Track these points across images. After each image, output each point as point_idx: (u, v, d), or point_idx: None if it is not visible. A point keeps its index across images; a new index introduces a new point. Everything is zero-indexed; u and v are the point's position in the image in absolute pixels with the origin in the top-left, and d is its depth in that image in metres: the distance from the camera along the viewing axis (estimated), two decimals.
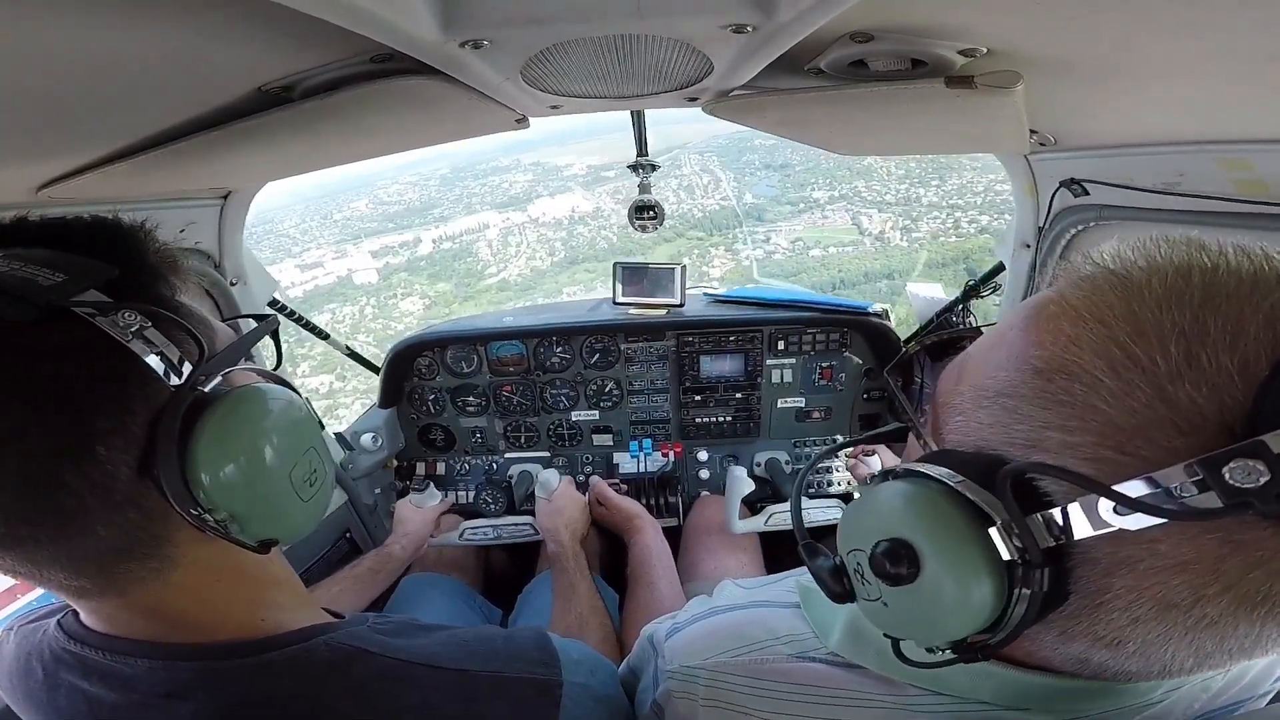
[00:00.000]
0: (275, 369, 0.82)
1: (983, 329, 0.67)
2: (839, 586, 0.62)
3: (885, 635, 0.62)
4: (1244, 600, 0.41)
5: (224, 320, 0.78)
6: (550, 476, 2.04)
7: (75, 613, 0.72)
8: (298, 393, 0.75)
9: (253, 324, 0.81)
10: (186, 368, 0.63)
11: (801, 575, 0.87)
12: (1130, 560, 0.44)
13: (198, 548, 0.67)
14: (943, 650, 0.55)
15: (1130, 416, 0.42)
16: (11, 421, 0.55)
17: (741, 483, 2.05)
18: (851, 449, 2.27)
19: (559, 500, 1.97)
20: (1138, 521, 0.41)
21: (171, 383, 0.62)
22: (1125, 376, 0.43)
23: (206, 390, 0.64)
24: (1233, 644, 0.45)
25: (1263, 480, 0.35)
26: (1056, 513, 0.45)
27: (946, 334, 0.72)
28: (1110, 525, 0.42)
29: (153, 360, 0.60)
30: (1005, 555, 0.47)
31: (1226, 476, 0.36)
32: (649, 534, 1.93)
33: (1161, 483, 0.39)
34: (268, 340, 0.85)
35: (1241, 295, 0.41)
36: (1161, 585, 0.43)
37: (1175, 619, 0.44)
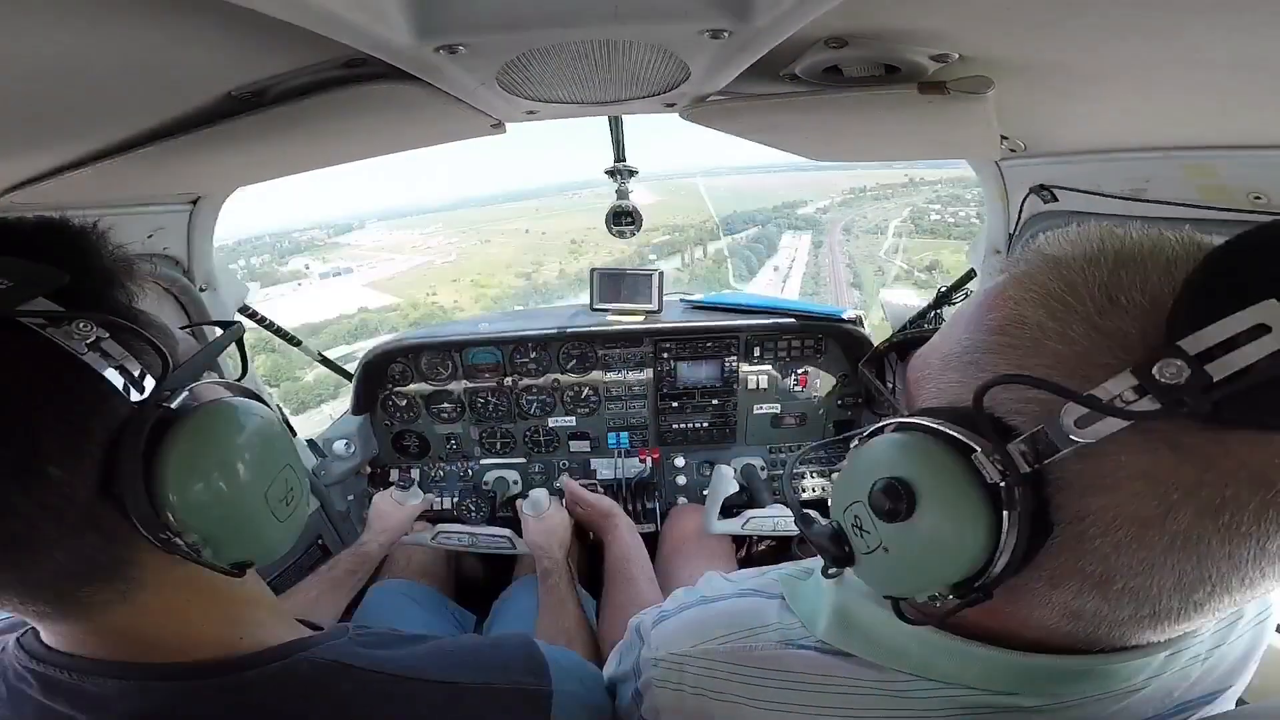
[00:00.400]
0: (240, 379, 0.79)
1: None
2: (838, 550, 0.64)
3: (886, 597, 0.64)
4: (1205, 508, 0.44)
5: (186, 327, 0.75)
6: (540, 496, 2.02)
7: (34, 629, 0.68)
8: (268, 405, 0.73)
9: (215, 330, 0.78)
10: (148, 382, 0.60)
11: (785, 569, 0.87)
12: (1099, 477, 0.48)
13: (165, 569, 0.64)
14: (946, 598, 0.57)
15: (1071, 346, 0.49)
16: None
17: (727, 482, 2.05)
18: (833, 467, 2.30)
19: (551, 520, 1.95)
20: (1095, 433, 0.45)
21: (132, 398, 0.59)
22: (1061, 317, 0.50)
23: (173, 406, 0.62)
24: (1212, 570, 0.47)
25: (1185, 375, 0.41)
26: (1026, 440, 0.49)
27: (915, 333, 0.75)
28: (1074, 441, 0.46)
29: (111, 374, 0.57)
30: (990, 478, 0.51)
31: (1156, 374, 0.42)
32: (624, 531, 1.94)
33: (1105, 395, 0.44)
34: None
35: (1144, 254, 0.49)
36: (1131, 498, 0.46)
37: (1152, 538, 0.46)
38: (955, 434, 0.53)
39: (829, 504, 0.67)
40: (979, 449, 0.51)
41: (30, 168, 1.04)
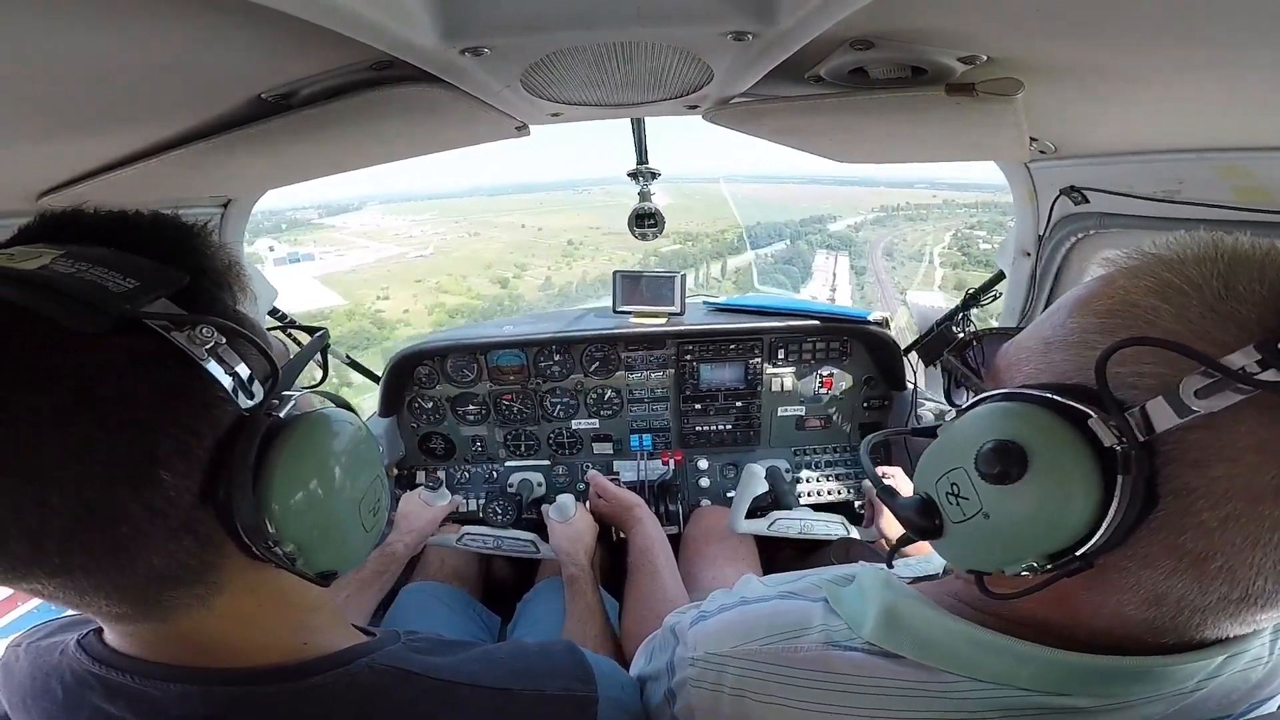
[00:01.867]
0: (319, 385, 0.79)
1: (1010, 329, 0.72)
2: (927, 521, 0.65)
3: (969, 572, 0.65)
4: None
5: (273, 329, 0.75)
6: (567, 502, 2.01)
7: (96, 631, 0.68)
8: (358, 414, 0.73)
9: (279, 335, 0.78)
10: (256, 388, 0.60)
11: (824, 575, 0.87)
12: (1213, 448, 0.48)
13: (244, 574, 0.64)
14: (1041, 569, 0.56)
15: (1189, 325, 0.50)
16: (72, 443, 0.50)
17: (757, 481, 2.03)
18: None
19: (576, 526, 1.95)
20: (1213, 405, 0.46)
21: (242, 403, 0.58)
22: (1178, 301, 0.51)
23: (281, 415, 0.62)
24: None
25: None
26: (1140, 410, 0.50)
27: (1001, 330, 0.76)
28: (1192, 410, 0.47)
29: (226, 380, 0.57)
30: (1106, 443, 0.51)
31: None
32: (648, 524, 1.94)
33: (1230, 367, 0.45)
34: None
35: (1258, 256, 0.51)
36: (1246, 470, 0.47)
37: (1262, 512, 0.47)
38: (1070, 401, 0.54)
39: (914, 478, 0.68)
40: (1094, 415, 0.52)
41: (67, 169, 1.07)
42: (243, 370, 0.58)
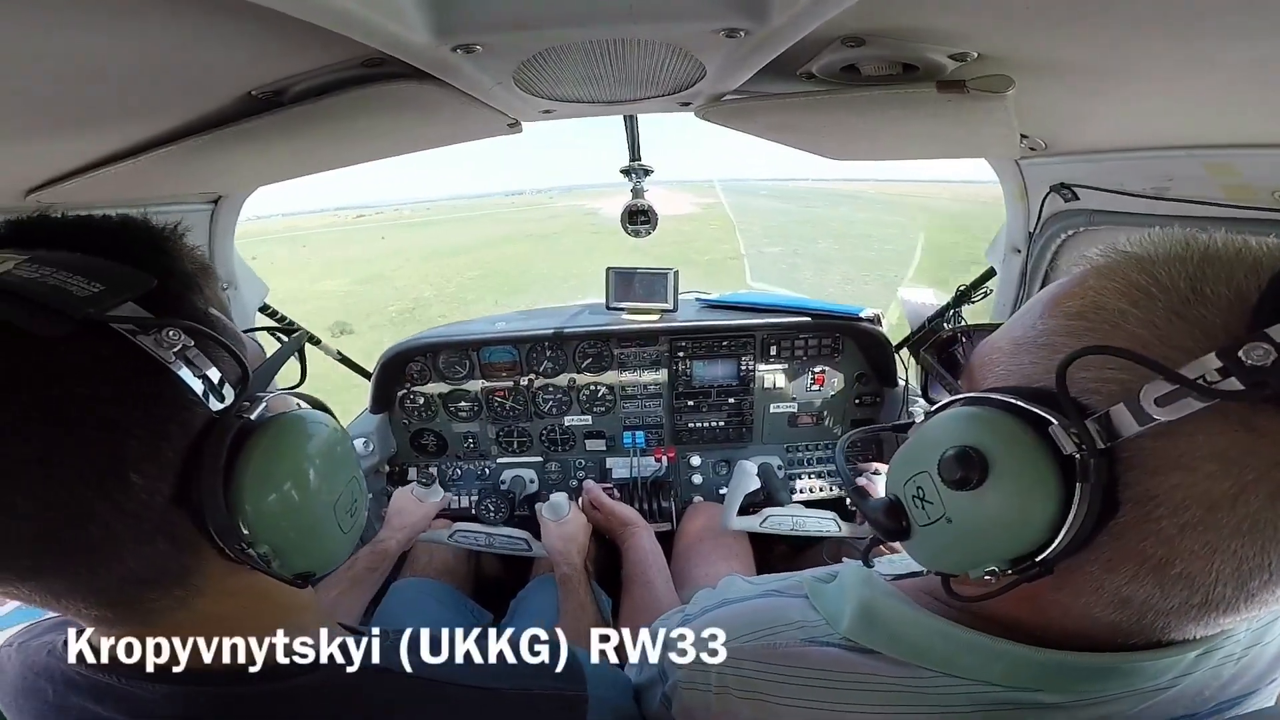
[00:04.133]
0: (298, 386, 0.78)
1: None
2: (894, 523, 0.65)
3: (936, 573, 0.66)
4: (1278, 492, 0.45)
5: (249, 331, 0.74)
6: (561, 501, 2.00)
7: (81, 632, 0.67)
8: (335, 416, 0.73)
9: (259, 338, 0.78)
10: (228, 390, 0.60)
11: (809, 573, 0.88)
12: (1173, 456, 0.48)
13: (224, 576, 0.64)
14: (1003, 573, 0.57)
15: (1153, 330, 0.49)
16: (37, 447, 0.50)
17: (749, 478, 2.03)
18: (854, 466, 2.29)
19: (570, 526, 1.95)
20: (1174, 412, 0.46)
21: (212, 406, 0.58)
22: (1145, 305, 0.51)
23: (252, 417, 0.61)
24: (1273, 557, 0.47)
25: (1271, 359, 0.42)
26: (1102, 417, 0.50)
27: (983, 326, 0.77)
28: (1153, 419, 0.47)
29: (195, 383, 0.57)
30: (1065, 451, 0.51)
31: (1242, 357, 0.43)
32: (643, 537, 1.94)
33: (1190, 375, 0.45)
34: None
35: (1230, 255, 0.50)
36: (1205, 478, 0.47)
37: (1221, 521, 0.47)
38: (1032, 407, 0.54)
39: (885, 480, 0.69)
40: (1055, 422, 0.52)
41: (55, 166, 1.06)
42: (212, 373, 0.58)
